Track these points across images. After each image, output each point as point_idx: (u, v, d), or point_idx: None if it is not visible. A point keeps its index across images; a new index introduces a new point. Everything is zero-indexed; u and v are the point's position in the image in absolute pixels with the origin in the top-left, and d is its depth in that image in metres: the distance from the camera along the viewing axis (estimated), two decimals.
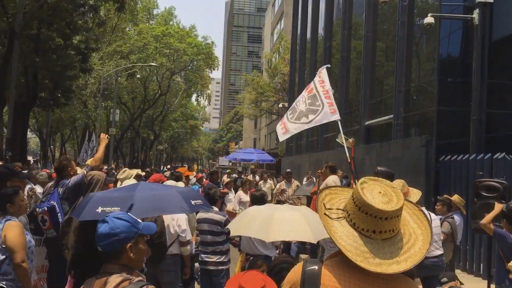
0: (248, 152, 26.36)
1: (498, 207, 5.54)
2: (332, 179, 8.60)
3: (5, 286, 3.82)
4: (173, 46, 40.65)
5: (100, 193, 3.60)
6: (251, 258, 5.26)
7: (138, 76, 38.78)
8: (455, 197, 7.73)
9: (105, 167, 12.22)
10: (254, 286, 3.04)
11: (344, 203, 1.88)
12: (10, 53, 17.32)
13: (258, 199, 5.97)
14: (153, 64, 35.96)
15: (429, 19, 11.75)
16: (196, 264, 6.32)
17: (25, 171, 5.78)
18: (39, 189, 7.96)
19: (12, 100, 16.19)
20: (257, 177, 17.27)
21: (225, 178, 13.96)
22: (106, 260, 2.27)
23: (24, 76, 21.84)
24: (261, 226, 4.02)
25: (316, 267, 1.79)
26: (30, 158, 40.38)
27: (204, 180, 13.47)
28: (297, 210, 4.48)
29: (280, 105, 35.22)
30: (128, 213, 2.37)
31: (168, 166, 33.18)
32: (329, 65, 8.66)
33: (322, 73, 7.71)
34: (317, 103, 7.43)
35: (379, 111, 16.74)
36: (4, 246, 3.85)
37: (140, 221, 2.36)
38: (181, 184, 7.50)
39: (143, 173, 10.19)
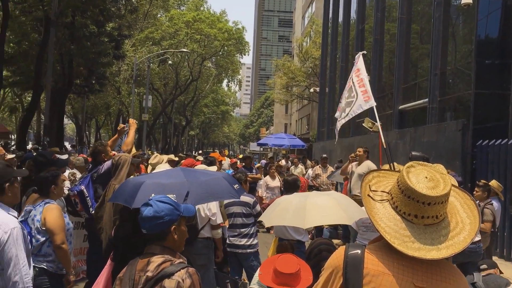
0: (279, 138, 26.23)
1: None
2: (367, 164, 8.52)
3: (46, 267, 3.94)
4: (204, 31, 40.72)
5: (149, 180, 3.64)
6: (281, 242, 5.27)
7: (170, 62, 39.11)
8: (493, 183, 7.54)
9: (140, 152, 12.45)
10: (289, 269, 3.06)
11: (391, 187, 1.85)
12: (46, 41, 17.72)
13: (291, 184, 5.96)
14: (184, 50, 36.14)
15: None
16: None
17: (64, 157, 5.90)
18: (78, 174, 8.18)
19: (49, 87, 16.58)
20: (289, 163, 17.25)
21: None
22: (149, 242, 2.35)
23: (59, 63, 22.34)
24: (295, 214, 4.05)
25: (359, 251, 1.76)
26: (66, 143, 41.47)
27: (238, 164, 13.55)
28: (327, 195, 4.49)
29: (311, 90, 34.90)
30: (169, 196, 2.43)
31: (200, 152, 33.51)
32: (365, 52, 8.46)
33: (359, 62, 7.56)
34: (352, 94, 7.33)
35: (413, 95, 16.41)
36: (44, 228, 3.96)
37: (180, 204, 2.42)
38: (214, 168, 7.57)
39: (176, 158, 10.30)
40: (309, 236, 7.91)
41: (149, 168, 8.37)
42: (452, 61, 13.91)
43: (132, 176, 5.15)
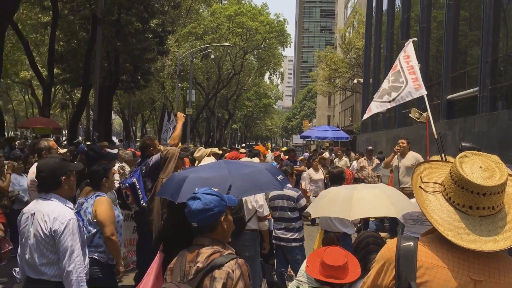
0: (322, 130, 25.88)
1: None
2: (415, 156, 8.34)
3: (97, 258, 4.08)
4: (246, 25, 40.80)
5: (193, 174, 3.66)
6: (327, 234, 5.24)
7: (212, 56, 39.45)
8: None
9: (185, 146, 12.65)
10: (337, 261, 3.04)
11: (443, 178, 1.80)
12: (93, 39, 18.25)
13: (336, 177, 5.91)
14: (226, 44, 36.35)
15: None
16: None
17: (114, 151, 6.06)
18: (126, 168, 8.41)
19: (97, 84, 17.06)
20: (333, 155, 17.08)
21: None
22: (198, 234, 2.39)
23: (106, 60, 22.96)
24: (342, 206, 4.02)
25: (412, 244, 1.72)
26: (114, 138, 42.71)
27: (282, 157, 13.52)
28: (375, 188, 4.43)
29: (355, 81, 34.35)
30: (214, 189, 2.46)
31: (243, 145, 33.76)
32: (415, 39, 8.19)
33: (408, 48, 7.32)
34: (401, 79, 7.04)
35: (462, 84, 15.88)
36: (95, 220, 4.10)
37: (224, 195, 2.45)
38: (256, 160, 7.59)
39: (220, 152, 10.39)
40: (355, 229, 7.82)
41: (196, 161, 8.51)
42: (503, 47, 13.35)
43: (179, 170, 5.23)
